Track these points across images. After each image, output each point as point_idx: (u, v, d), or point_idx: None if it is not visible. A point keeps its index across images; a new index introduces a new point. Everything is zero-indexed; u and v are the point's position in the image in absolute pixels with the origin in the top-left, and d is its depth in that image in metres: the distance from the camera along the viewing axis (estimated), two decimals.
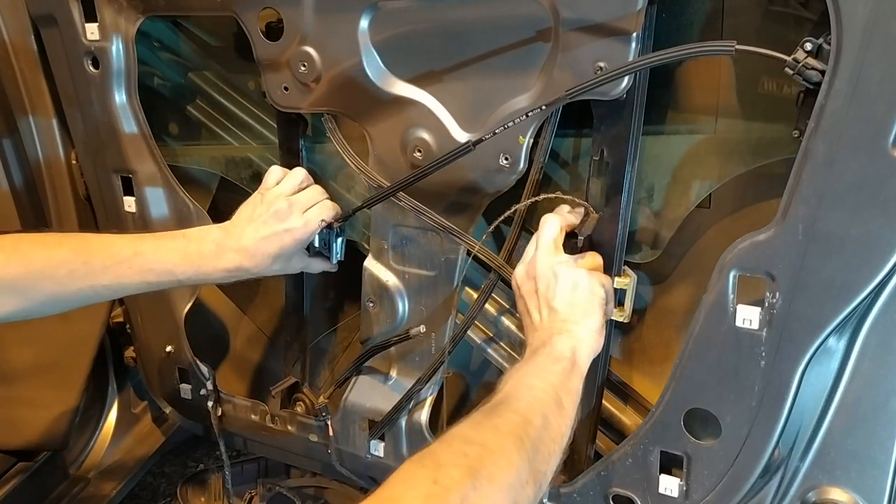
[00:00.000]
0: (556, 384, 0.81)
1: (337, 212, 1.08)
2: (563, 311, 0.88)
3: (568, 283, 0.88)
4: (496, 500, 0.66)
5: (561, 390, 0.81)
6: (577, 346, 0.86)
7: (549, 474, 0.75)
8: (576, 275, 0.89)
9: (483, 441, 0.70)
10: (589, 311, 0.88)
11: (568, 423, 0.81)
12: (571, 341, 0.86)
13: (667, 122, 0.95)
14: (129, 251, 0.99)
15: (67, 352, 1.43)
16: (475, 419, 0.74)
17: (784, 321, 0.80)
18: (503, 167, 0.95)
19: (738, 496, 0.90)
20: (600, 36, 0.83)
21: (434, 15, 0.94)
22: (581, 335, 0.87)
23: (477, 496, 0.63)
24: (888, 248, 0.74)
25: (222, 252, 1.02)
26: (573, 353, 0.85)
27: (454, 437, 0.71)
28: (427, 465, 0.65)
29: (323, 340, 1.38)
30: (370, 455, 1.21)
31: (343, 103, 1.05)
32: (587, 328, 0.88)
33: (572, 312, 0.88)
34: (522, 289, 0.92)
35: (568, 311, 0.88)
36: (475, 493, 0.63)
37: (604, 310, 0.90)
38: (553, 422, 0.77)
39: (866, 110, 0.71)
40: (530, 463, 0.71)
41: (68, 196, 1.42)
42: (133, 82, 1.21)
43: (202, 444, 1.84)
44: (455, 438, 0.70)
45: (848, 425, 0.86)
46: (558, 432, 0.78)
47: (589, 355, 0.88)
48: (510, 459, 0.69)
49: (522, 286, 0.92)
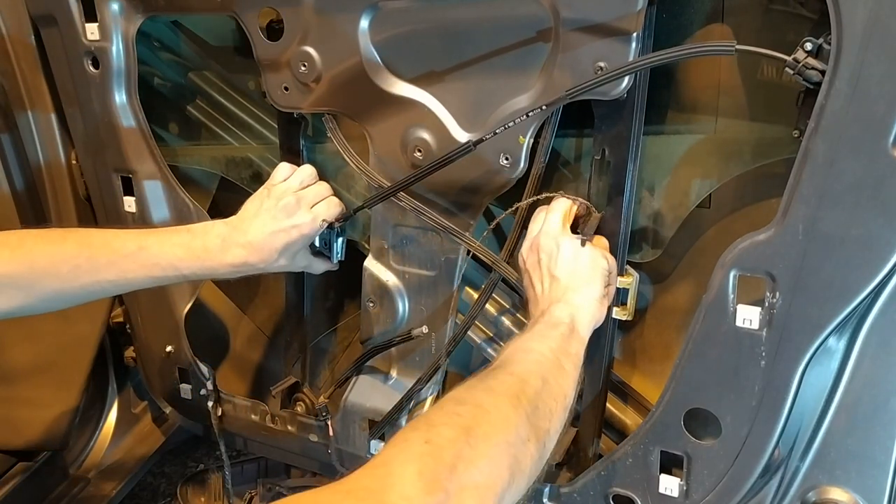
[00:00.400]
0: (555, 348, 0.81)
1: (343, 208, 1.08)
2: (563, 279, 0.88)
3: (570, 251, 0.88)
4: (493, 456, 0.64)
5: (560, 353, 0.80)
6: (575, 313, 0.86)
7: (552, 432, 0.74)
8: (579, 248, 0.89)
9: (477, 401, 0.69)
10: (590, 279, 0.88)
11: (570, 383, 0.80)
12: (570, 308, 0.86)
13: (667, 122, 0.95)
14: (133, 246, 0.99)
15: (67, 351, 1.43)
16: (470, 383, 0.73)
17: (784, 321, 0.80)
18: (503, 167, 0.95)
19: (738, 496, 0.90)
20: (600, 36, 0.83)
21: (434, 15, 0.94)
22: (580, 302, 0.87)
23: (472, 453, 0.62)
24: (888, 248, 0.74)
25: (227, 247, 1.02)
26: (572, 319, 0.85)
27: (447, 399, 0.70)
28: (419, 427, 0.64)
29: (323, 340, 1.38)
30: (370, 455, 1.21)
31: (343, 103, 1.05)
32: (587, 296, 0.87)
33: (573, 280, 0.88)
34: (527, 262, 0.92)
35: (569, 278, 0.88)
36: (470, 450, 0.62)
37: (606, 280, 0.90)
38: (552, 381, 0.76)
39: (866, 110, 0.71)
40: (529, 420, 0.70)
41: (68, 196, 1.42)
42: (133, 82, 1.21)
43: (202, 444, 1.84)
44: (448, 401, 0.70)
45: (848, 425, 0.86)
46: (559, 391, 0.77)
47: (589, 323, 0.87)
48: (506, 417, 0.68)
49: (527, 259, 0.92)
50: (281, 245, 1.02)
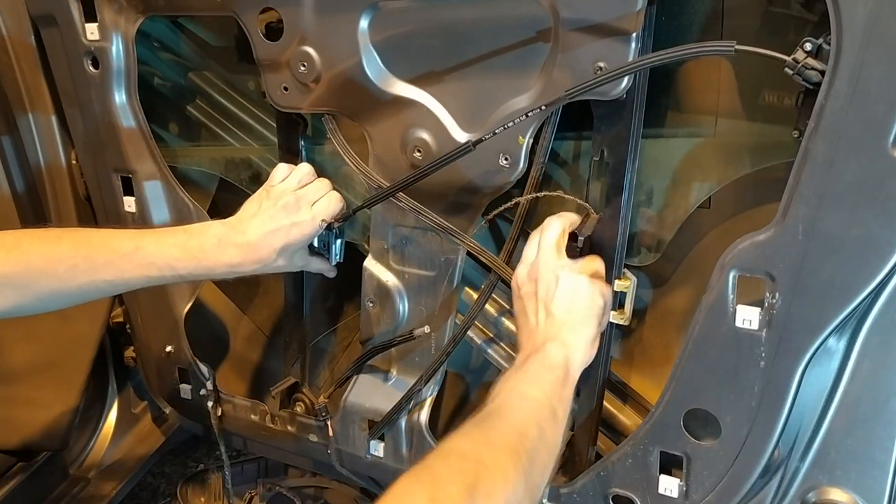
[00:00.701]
0: (550, 393, 0.81)
1: (344, 205, 1.08)
2: (560, 316, 0.87)
3: (569, 288, 0.88)
4: None
5: (555, 399, 0.80)
6: (570, 354, 0.85)
7: (542, 486, 0.76)
8: (578, 281, 0.88)
9: (479, 457, 0.69)
10: (586, 319, 0.88)
11: (561, 432, 0.81)
12: (565, 349, 0.85)
13: (666, 125, 0.95)
14: (129, 245, 0.99)
15: (67, 351, 1.43)
16: (471, 433, 0.74)
17: (784, 321, 0.80)
18: (503, 167, 0.95)
19: (737, 496, 0.90)
20: (600, 36, 0.83)
21: (434, 15, 0.94)
22: (575, 343, 0.86)
23: None
24: (888, 248, 0.73)
25: (224, 246, 1.01)
26: (566, 361, 0.85)
27: (450, 451, 0.70)
28: (424, 481, 0.65)
29: (323, 340, 1.38)
30: (370, 455, 1.21)
31: (343, 103, 1.05)
32: (582, 336, 0.87)
33: (570, 317, 0.87)
34: (522, 290, 0.91)
35: (565, 316, 0.87)
36: None
37: (600, 320, 0.90)
38: (548, 432, 0.77)
39: (866, 110, 0.71)
40: (527, 477, 0.71)
41: (68, 196, 1.42)
42: (133, 82, 1.21)
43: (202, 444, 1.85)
44: (451, 453, 0.70)
45: (848, 425, 0.86)
46: (553, 443, 0.78)
47: (581, 365, 0.87)
48: (507, 476, 0.69)
49: (522, 287, 0.91)
50: (280, 245, 1.02)
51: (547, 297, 0.88)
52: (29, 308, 0.97)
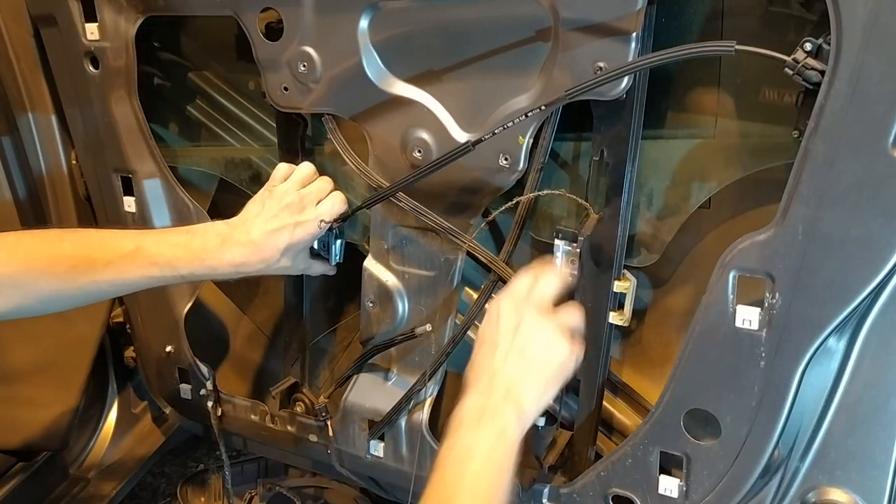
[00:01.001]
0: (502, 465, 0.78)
1: (347, 205, 1.07)
2: (526, 371, 0.84)
3: (548, 347, 0.85)
4: None
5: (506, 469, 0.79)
6: (525, 423, 0.83)
7: None
8: (560, 345, 0.85)
9: None
10: (550, 384, 0.85)
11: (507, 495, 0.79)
12: (522, 421, 0.82)
13: (666, 126, 0.95)
14: (130, 245, 0.99)
15: (67, 352, 1.43)
16: None
17: (784, 321, 0.80)
18: (503, 167, 0.95)
19: (737, 496, 0.90)
20: (600, 36, 0.83)
21: (434, 15, 0.94)
22: (531, 412, 0.84)
23: None
24: (888, 248, 0.73)
25: (227, 246, 1.01)
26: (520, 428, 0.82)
27: None
28: None
29: (323, 340, 1.38)
30: (370, 455, 1.21)
31: (343, 103, 1.05)
32: (541, 401, 0.85)
33: (536, 379, 0.84)
34: (502, 319, 0.87)
35: (533, 373, 0.84)
36: None
37: (561, 384, 0.87)
38: None
39: (866, 110, 0.70)
40: None
41: (68, 196, 1.42)
42: (133, 82, 1.20)
43: (202, 444, 1.85)
44: None
45: (848, 425, 0.86)
46: None
47: (527, 427, 0.84)
48: None
49: (503, 316, 0.87)
50: (284, 244, 1.02)
51: (524, 345, 0.85)
52: (30, 309, 0.97)
